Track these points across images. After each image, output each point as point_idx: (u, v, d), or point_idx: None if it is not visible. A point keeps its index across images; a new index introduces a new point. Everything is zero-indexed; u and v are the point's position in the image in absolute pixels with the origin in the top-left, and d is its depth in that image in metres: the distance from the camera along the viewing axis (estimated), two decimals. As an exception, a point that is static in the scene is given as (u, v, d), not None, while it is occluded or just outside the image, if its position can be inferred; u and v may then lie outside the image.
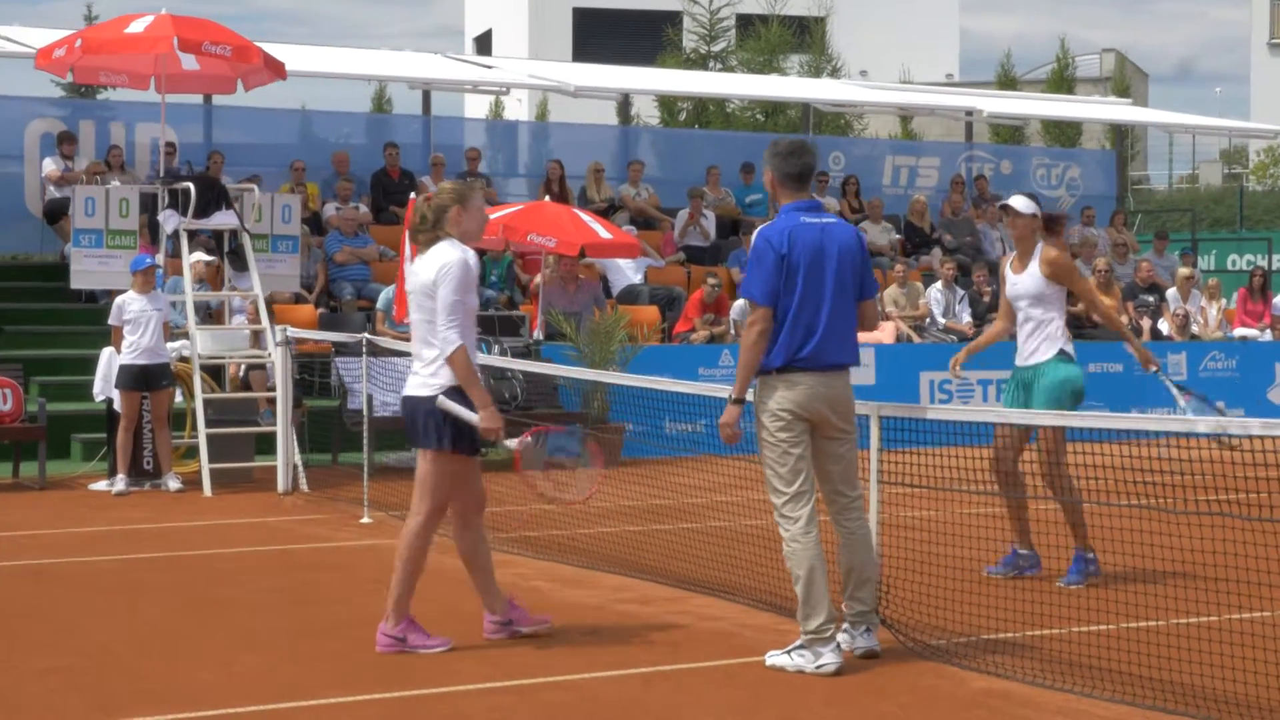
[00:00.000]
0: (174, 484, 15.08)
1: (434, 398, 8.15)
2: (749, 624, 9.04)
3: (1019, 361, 10.38)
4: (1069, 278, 10.22)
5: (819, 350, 7.90)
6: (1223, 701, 7.21)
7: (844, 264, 8.00)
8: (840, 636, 8.09)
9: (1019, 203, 10.32)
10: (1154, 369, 10.40)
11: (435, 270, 8.11)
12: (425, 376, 8.22)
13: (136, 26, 15.68)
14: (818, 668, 7.83)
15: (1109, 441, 8.34)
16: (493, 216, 19.22)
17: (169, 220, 15.80)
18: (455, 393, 8.17)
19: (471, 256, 8.20)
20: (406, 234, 17.38)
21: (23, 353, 18.30)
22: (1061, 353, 10.18)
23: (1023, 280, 10.26)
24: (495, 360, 14.85)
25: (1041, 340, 10.20)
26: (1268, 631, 7.81)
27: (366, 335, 14.03)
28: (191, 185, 15.66)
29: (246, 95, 18.41)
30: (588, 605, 9.69)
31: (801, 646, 7.91)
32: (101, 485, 15.15)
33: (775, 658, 8.00)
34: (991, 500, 10.38)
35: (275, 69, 16.50)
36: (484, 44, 59.13)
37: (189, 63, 16.50)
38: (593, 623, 9.14)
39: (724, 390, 8.33)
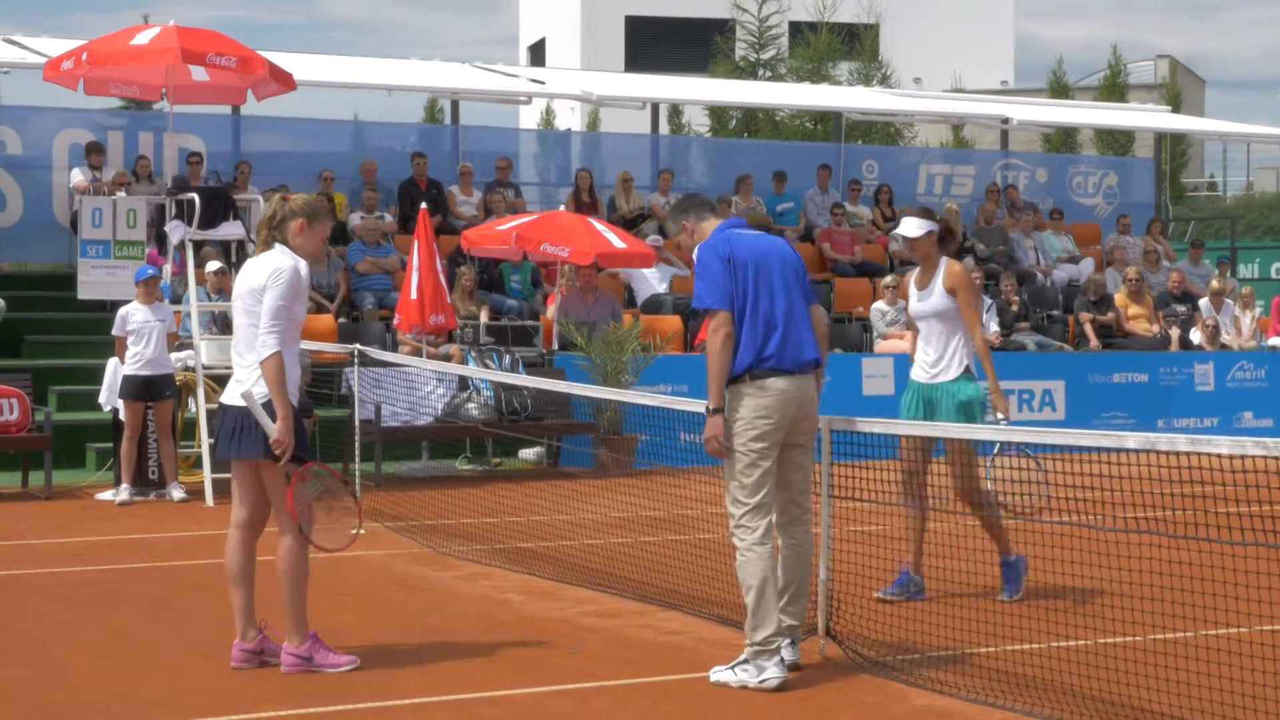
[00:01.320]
0: (178, 494, 15.15)
1: (262, 406, 7.92)
2: (707, 639, 8.98)
3: (921, 378, 10.07)
4: (963, 295, 9.92)
5: (784, 345, 7.94)
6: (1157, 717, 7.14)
7: (788, 268, 8.09)
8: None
9: (907, 228, 10.10)
10: (1000, 418, 10.00)
11: (266, 275, 7.98)
12: (250, 384, 7.99)
13: (142, 38, 15.78)
14: (760, 682, 7.80)
15: (1044, 455, 8.23)
16: (506, 226, 19.28)
17: (175, 231, 15.88)
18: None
19: (303, 266, 8.10)
20: (415, 244, 17.52)
21: (42, 362, 18.49)
22: (966, 370, 9.95)
23: (926, 297, 10.04)
24: (490, 374, 14.87)
25: (948, 359, 9.95)
26: (1192, 653, 7.68)
27: (358, 346, 14.02)
28: (196, 196, 15.73)
29: (288, 105, 18.54)
30: (553, 619, 9.66)
31: (745, 661, 7.89)
32: (107, 495, 15.24)
33: (720, 674, 7.96)
34: (938, 515, 10.25)
35: (283, 80, 16.56)
36: (538, 53, 59.27)
37: (199, 74, 16.59)
38: (553, 636, 9.11)
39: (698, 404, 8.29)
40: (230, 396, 8.13)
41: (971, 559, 9.87)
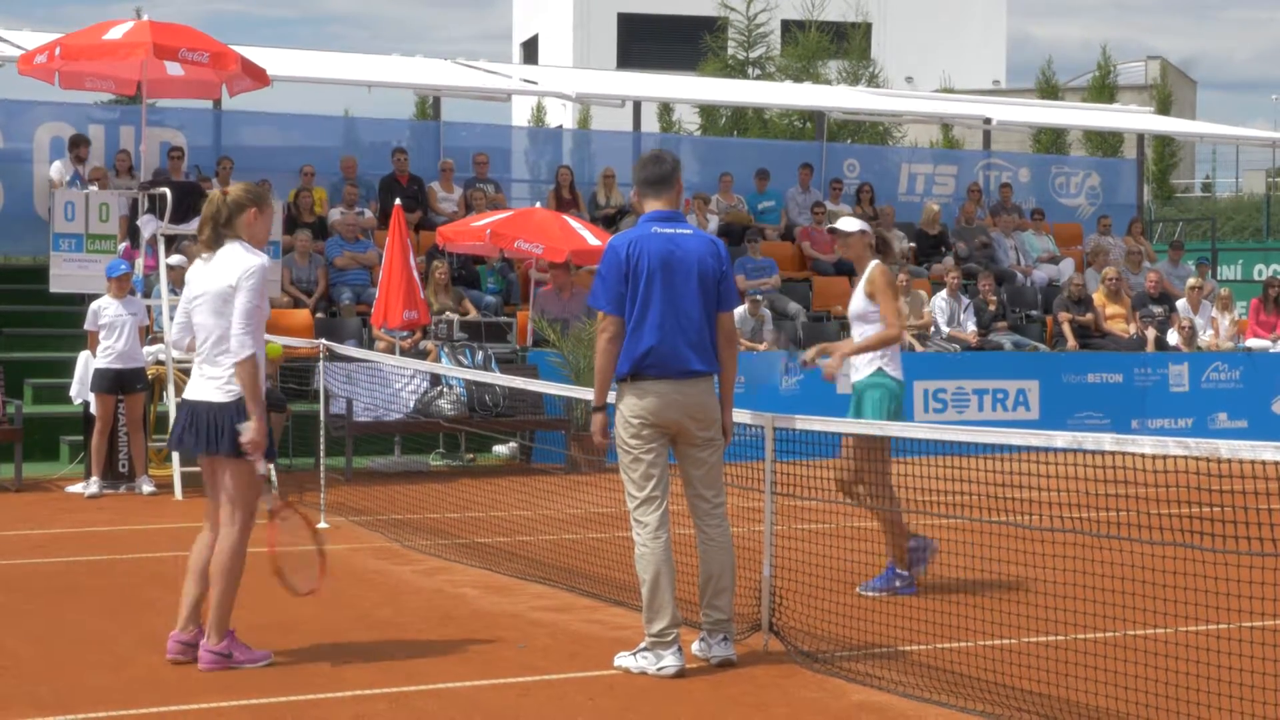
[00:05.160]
0: (147, 487, 15.21)
1: (233, 404, 8.02)
2: (654, 633, 9.03)
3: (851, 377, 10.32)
4: (881, 294, 10.02)
5: (664, 357, 8.01)
6: (1085, 712, 7.20)
7: (692, 273, 8.07)
8: (697, 645, 8.20)
9: (845, 224, 10.30)
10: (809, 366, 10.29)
11: (238, 274, 7.99)
12: (222, 382, 8.09)
13: (115, 33, 15.82)
14: (658, 670, 7.98)
15: (974, 455, 8.30)
16: (481, 223, 19.34)
17: (147, 225, 15.94)
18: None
19: (267, 261, 8.17)
20: (388, 240, 17.58)
21: (18, 355, 18.57)
22: (879, 370, 10.10)
23: (852, 300, 10.27)
24: (464, 372, 14.92)
25: (864, 358, 10.14)
26: (1119, 653, 7.79)
27: (323, 341, 14.09)
28: (168, 191, 15.78)
29: (274, 100, 18.62)
30: (505, 613, 9.73)
31: (645, 649, 8.05)
32: (77, 488, 15.30)
33: (622, 659, 8.16)
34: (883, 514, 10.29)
35: (256, 76, 16.62)
36: (531, 49, 59.36)
37: (174, 69, 16.63)
38: (502, 631, 9.18)
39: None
40: (201, 393, 8.15)
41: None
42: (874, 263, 10.13)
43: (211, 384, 8.11)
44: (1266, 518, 7.26)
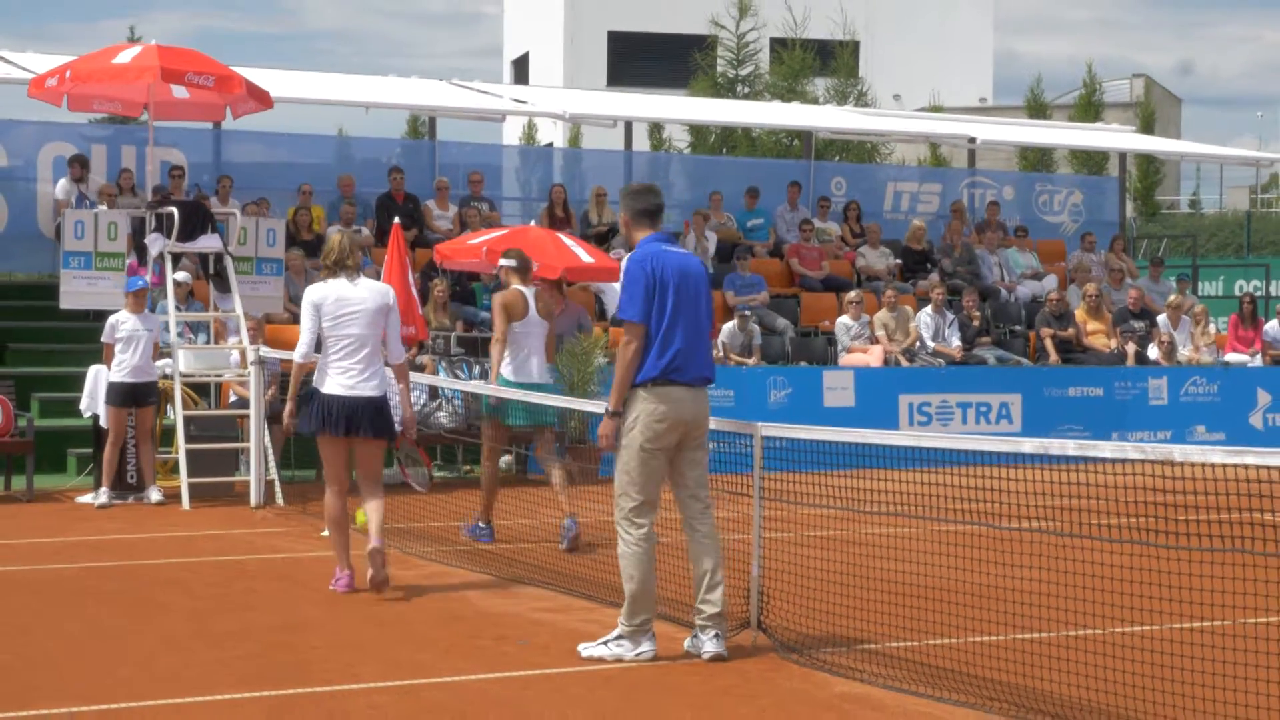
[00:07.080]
0: (155, 496, 15.66)
1: (383, 398, 10.56)
2: (648, 632, 9.50)
3: None
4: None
5: (686, 364, 8.60)
6: (1055, 701, 7.67)
7: (701, 288, 8.77)
8: (689, 642, 8.70)
9: (501, 261, 13.70)
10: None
11: (390, 297, 10.70)
12: (377, 382, 10.61)
13: (124, 57, 16.35)
14: (636, 654, 8.61)
15: (954, 465, 8.76)
16: (477, 240, 19.79)
17: (154, 243, 16.40)
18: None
19: None
20: (387, 257, 18.01)
21: (25, 370, 18.99)
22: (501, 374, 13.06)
23: None
24: (458, 384, 15.32)
25: None
26: (1103, 649, 8.21)
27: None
28: (175, 209, 16.24)
29: (270, 119, 19.09)
30: (507, 614, 10.19)
31: (620, 637, 8.64)
32: (87, 498, 15.74)
33: (592, 649, 8.74)
34: (872, 519, 10.76)
35: (260, 98, 17.11)
36: (521, 67, 59.83)
37: (179, 91, 17.12)
38: (505, 630, 9.64)
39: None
40: (349, 389, 10.49)
41: (908, 561, 10.38)
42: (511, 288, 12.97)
43: (367, 384, 10.56)
44: (1229, 516, 7.74)
